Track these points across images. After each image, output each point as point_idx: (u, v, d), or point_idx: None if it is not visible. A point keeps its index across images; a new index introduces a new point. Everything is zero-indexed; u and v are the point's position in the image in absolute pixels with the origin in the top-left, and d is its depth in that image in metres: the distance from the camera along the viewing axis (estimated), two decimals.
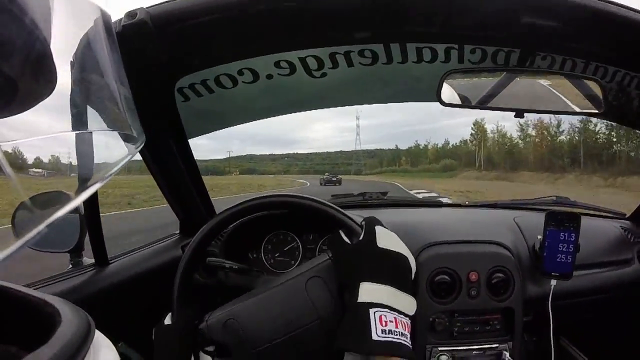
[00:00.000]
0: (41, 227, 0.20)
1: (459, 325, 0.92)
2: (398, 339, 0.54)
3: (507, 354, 0.92)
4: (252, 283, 0.80)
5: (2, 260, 0.18)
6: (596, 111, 0.79)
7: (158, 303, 0.85)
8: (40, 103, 0.23)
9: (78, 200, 0.25)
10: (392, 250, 0.61)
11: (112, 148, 0.32)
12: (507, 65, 0.83)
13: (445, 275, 0.91)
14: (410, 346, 0.56)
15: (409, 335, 0.57)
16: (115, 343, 0.80)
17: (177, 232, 1.14)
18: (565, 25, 0.70)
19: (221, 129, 1.02)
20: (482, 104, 0.77)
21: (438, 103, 0.77)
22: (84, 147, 0.28)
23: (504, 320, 0.94)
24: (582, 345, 1.39)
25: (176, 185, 1.00)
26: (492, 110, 0.77)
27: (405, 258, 0.62)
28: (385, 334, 0.53)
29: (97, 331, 0.29)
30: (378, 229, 0.63)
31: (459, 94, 0.77)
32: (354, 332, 0.55)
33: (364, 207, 1.18)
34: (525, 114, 0.78)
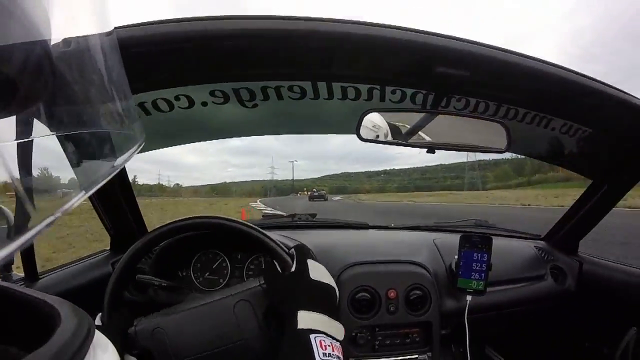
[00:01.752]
0: (39, 228, 0.20)
1: (379, 339, 1.00)
2: None
3: None
4: (181, 300, 0.81)
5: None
6: (500, 148, 0.88)
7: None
8: (40, 103, 0.23)
9: (79, 199, 0.24)
10: (323, 282, 0.69)
11: (111, 148, 0.32)
12: (424, 106, 0.91)
13: (366, 292, 0.99)
14: None
15: (342, 358, 0.63)
16: None
17: (108, 248, 1.13)
18: (475, 74, 0.78)
19: (153, 149, 1.05)
20: (398, 141, 0.85)
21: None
22: (81, 148, 0.28)
23: (423, 333, 1.03)
24: (505, 353, 1.52)
25: (109, 202, 1.01)
26: (406, 146, 0.85)
27: (334, 289, 0.70)
28: (326, 356, 0.59)
29: (97, 331, 0.29)
30: (310, 262, 0.70)
31: (377, 131, 0.84)
32: (299, 356, 0.59)
33: (293, 228, 1.22)
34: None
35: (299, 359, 0.59)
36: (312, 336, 0.60)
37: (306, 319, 0.62)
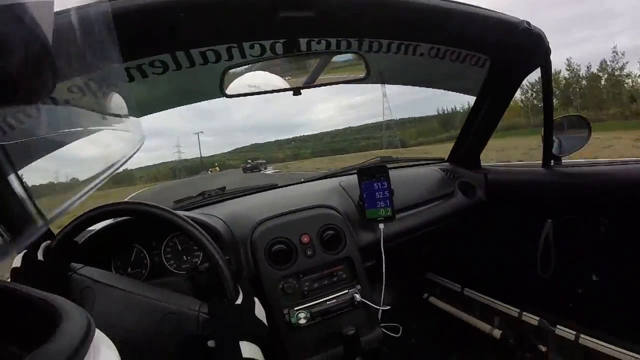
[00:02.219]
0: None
1: (307, 285, 1.04)
2: None
3: (358, 296, 1.04)
4: None
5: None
6: (361, 76, 0.96)
7: None
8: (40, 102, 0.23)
9: (78, 200, 0.24)
10: (262, 321, 0.74)
11: (111, 147, 0.32)
12: (286, 53, 0.96)
13: (281, 244, 1.03)
14: None
15: None
16: None
17: None
18: (319, 12, 0.83)
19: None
20: (264, 90, 0.91)
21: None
22: (81, 148, 0.28)
23: (347, 269, 1.08)
24: (445, 274, 1.62)
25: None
26: (272, 92, 0.91)
27: (267, 328, 0.75)
28: None
29: (97, 330, 0.29)
30: (256, 299, 0.75)
31: (241, 85, 0.90)
32: None
33: (204, 206, 1.23)
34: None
35: None
36: None
37: (250, 349, 0.67)
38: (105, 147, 0.33)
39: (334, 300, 1.03)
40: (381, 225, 1.13)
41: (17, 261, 0.74)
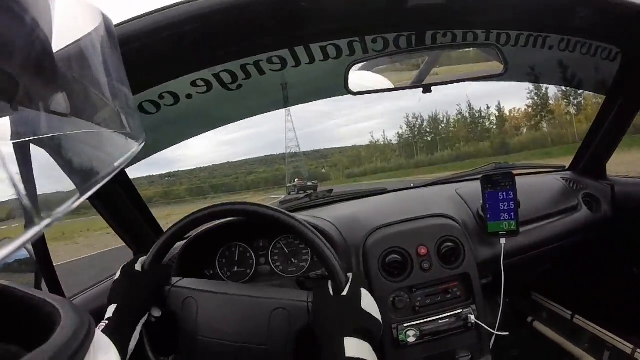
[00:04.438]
0: (43, 225, 0.20)
1: (419, 300, 0.95)
2: None
3: (473, 317, 0.94)
4: None
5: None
6: (498, 73, 0.84)
7: None
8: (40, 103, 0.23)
9: (78, 201, 0.23)
10: (372, 315, 0.64)
11: (111, 148, 0.32)
12: (410, 47, 0.88)
13: (396, 254, 0.95)
14: None
15: None
16: None
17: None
18: (452, 2, 0.75)
19: (151, 154, 1.03)
20: (390, 87, 0.82)
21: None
22: (80, 147, 0.28)
23: (463, 286, 0.97)
24: (553, 296, 1.43)
25: (122, 216, 1.00)
26: (401, 89, 0.82)
27: (380, 324, 0.65)
28: None
29: (97, 331, 0.29)
30: (363, 291, 0.66)
31: (366, 81, 0.82)
32: None
33: (311, 208, 1.19)
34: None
35: None
36: None
37: (356, 346, 0.58)
38: (104, 147, 0.31)
39: (446, 320, 0.94)
40: (503, 240, 1.00)
41: (117, 272, 0.74)
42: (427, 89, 0.83)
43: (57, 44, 0.23)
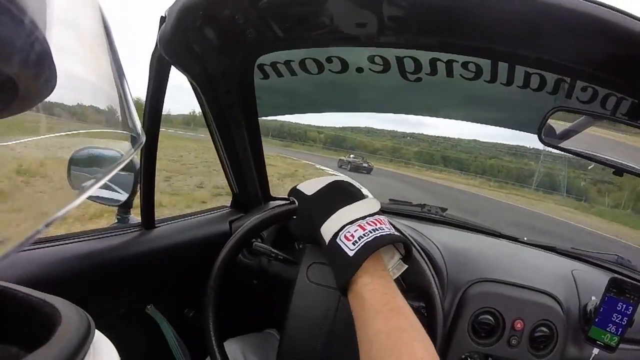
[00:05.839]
0: (43, 225, 0.19)
1: None
2: (371, 235, 0.54)
3: None
4: (292, 276, 0.77)
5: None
6: None
7: (195, 272, 0.84)
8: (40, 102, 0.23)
9: (77, 200, 0.23)
10: (320, 188, 0.64)
11: (111, 148, 0.32)
12: (614, 113, 0.74)
13: (491, 316, 0.87)
14: (390, 231, 0.56)
15: (383, 225, 0.56)
16: (144, 304, 0.80)
17: (228, 205, 1.12)
18: None
19: (292, 114, 0.98)
20: (584, 152, 0.70)
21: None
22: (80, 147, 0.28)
23: None
24: None
25: (237, 160, 0.98)
26: (593, 161, 0.70)
27: (334, 181, 0.65)
28: (356, 244, 0.53)
29: (97, 331, 0.29)
30: (299, 186, 0.67)
31: (559, 136, 0.70)
32: (338, 268, 0.55)
33: (421, 220, 1.14)
34: None
35: (340, 272, 0.55)
36: (337, 240, 0.56)
37: (328, 228, 0.58)
38: (104, 147, 0.31)
39: None
40: (595, 350, 0.90)
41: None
42: (619, 172, 0.70)
43: (56, 42, 0.22)
